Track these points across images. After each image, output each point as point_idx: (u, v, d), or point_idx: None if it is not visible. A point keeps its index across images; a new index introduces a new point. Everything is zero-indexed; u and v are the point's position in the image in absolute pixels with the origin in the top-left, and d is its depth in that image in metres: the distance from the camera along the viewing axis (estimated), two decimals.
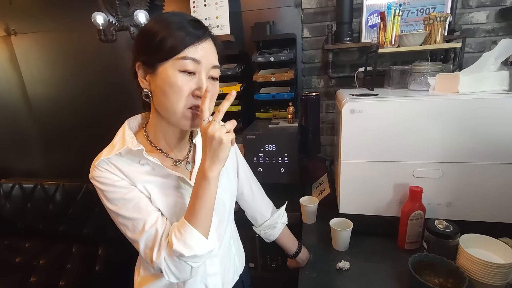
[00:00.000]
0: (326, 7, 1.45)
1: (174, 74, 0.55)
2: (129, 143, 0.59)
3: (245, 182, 0.86)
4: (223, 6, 1.40)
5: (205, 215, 0.57)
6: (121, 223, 0.59)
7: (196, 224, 0.56)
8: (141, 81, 0.59)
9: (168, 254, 0.56)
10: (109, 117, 1.95)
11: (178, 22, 0.55)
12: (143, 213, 0.58)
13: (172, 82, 0.55)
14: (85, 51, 1.82)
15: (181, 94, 0.56)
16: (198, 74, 0.57)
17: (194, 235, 0.56)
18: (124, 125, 0.65)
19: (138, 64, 0.58)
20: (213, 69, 0.59)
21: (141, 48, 0.57)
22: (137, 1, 1.56)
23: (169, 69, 0.55)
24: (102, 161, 0.59)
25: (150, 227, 0.58)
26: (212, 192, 0.57)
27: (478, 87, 0.86)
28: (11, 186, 1.86)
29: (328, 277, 0.86)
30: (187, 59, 0.55)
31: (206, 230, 0.58)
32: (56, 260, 1.62)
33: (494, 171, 0.84)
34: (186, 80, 0.56)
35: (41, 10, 1.79)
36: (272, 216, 0.91)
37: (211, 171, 0.55)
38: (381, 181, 0.93)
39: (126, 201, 0.58)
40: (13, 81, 1.99)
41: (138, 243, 0.58)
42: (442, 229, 0.81)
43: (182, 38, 0.54)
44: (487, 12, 1.31)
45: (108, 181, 0.58)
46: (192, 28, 0.55)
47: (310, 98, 1.30)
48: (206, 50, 0.57)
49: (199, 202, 0.56)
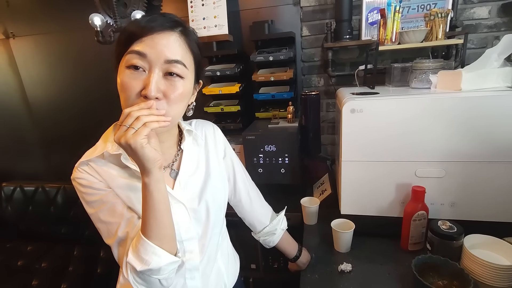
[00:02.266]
0: (325, 4, 1.43)
1: (122, 71, 0.52)
2: (109, 147, 0.58)
3: (243, 189, 0.83)
4: (221, 6, 1.39)
5: (157, 224, 0.52)
6: (98, 227, 0.59)
7: (150, 235, 0.52)
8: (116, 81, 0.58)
9: (130, 267, 0.53)
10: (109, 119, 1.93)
11: (141, 18, 0.54)
12: (118, 217, 0.57)
13: (120, 80, 0.53)
14: (84, 53, 1.81)
15: (128, 94, 0.51)
16: (148, 71, 0.52)
17: (147, 247, 0.51)
18: (110, 127, 0.64)
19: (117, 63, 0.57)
20: (168, 64, 0.52)
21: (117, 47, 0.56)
22: (134, 1, 1.55)
23: (120, 67, 0.53)
24: (83, 163, 0.58)
25: (122, 232, 0.56)
26: (156, 199, 0.51)
27: (481, 84, 0.84)
28: (12, 189, 1.87)
29: (330, 280, 0.84)
30: (132, 53, 0.51)
31: (164, 240, 0.53)
32: (57, 262, 1.63)
33: (499, 170, 0.83)
34: (133, 77, 0.51)
35: (39, 12, 1.79)
36: (271, 223, 0.88)
37: (146, 176, 0.50)
38: (383, 181, 0.92)
39: (103, 203, 0.57)
40: (12, 84, 1.98)
41: (112, 248, 0.58)
42: (446, 230, 0.79)
43: (131, 32, 0.52)
44: (489, 7, 1.29)
45: (86, 182, 0.58)
46: (145, 22, 0.52)
47: (310, 98, 1.29)
48: (158, 43, 0.51)
49: (146, 213, 0.52)
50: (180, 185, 0.65)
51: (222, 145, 0.78)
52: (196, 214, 0.66)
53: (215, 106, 1.50)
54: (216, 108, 1.48)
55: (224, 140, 0.80)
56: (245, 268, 0.91)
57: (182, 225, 0.64)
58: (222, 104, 1.49)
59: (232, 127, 1.48)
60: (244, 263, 0.91)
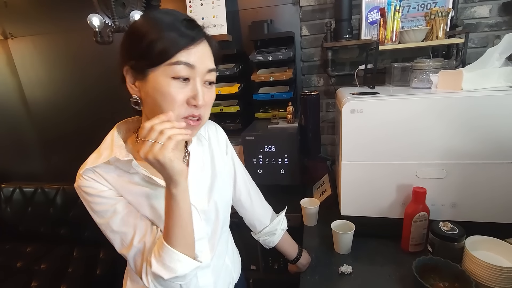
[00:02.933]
0: (325, 4, 1.42)
1: (166, 82, 0.50)
2: (117, 153, 0.55)
3: (243, 189, 0.83)
4: (219, 5, 1.38)
5: (182, 233, 0.53)
6: (109, 237, 0.56)
7: (174, 243, 0.53)
8: (130, 87, 0.55)
9: (152, 275, 0.53)
10: (108, 119, 1.93)
11: (169, 22, 0.51)
12: (131, 226, 0.55)
13: (164, 91, 0.50)
14: (82, 53, 1.81)
15: (174, 104, 0.51)
16: (192, 80, 0.52)
17: (173, 255, 0.52)
18: (112, 130, 0.61)
19: (126, 68, 0.53)
20: (209, 73, 0.54)
21: (129, 50, 0.53)
22: (132, 1, 1.54)
23: (160, 76, 0.50)
24: (88, 170, 0.55)
25: (138, 241, 0.55)
26: (182, 209, 0.52)
27: (482, 84, 0.83)
28: (11, 190, 1.86)
29: (330, 282, 0.84)
30: (180, 64, 0.50)
31: (187, 247, 0.55)
32: (57, 264, 1.62)
33: (500, 171, 0.82)
34: (180, 87, 0.51)
35: (37, 13, 1.78)
36: (272, 223, 0.88)
37: (173, 187, 0.51)
38: (384, 182, 0.91)
39: (114, 213, 0.55)
40: (11, 85, 1.98)
41: (127, 258, 0.56)
42: (447, 232, 0.79)
43: (173, 40, 0.49)
44: (490, 6, 1.28)
45: (94, 191, 0.55)
46: (184, 29, 0.50)
47: (310, 98, 1.28)
48: (201, 53, 0.52)
49: (172, 222, 0.52)
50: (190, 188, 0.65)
51: (225, 144, 0.78)
52: (206, 215, 0.65)
53: (214, 106, 1.49)
54: (215, 108, 1.47)
55: (226, 138, 0.80)
56: (245, 269, 0.90)
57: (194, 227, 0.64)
58: (222, 105, 1.49)
59: (232, 127, 1.47)
60: (244, 264, 0.91)
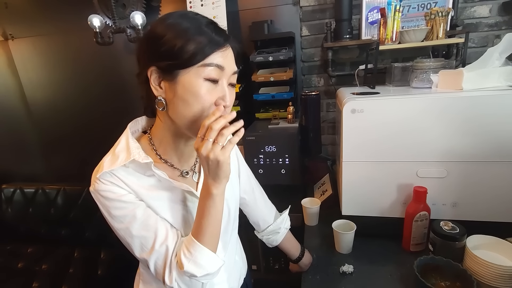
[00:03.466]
0: (325, 4, 1.43)
1: (198, 83, 0.51)
2: (136, 155, 0.54)
3: (248, 187, 0.83)
4: (220, 6, 1.38)
5: (213, 232, 0.55)
6: (128, 242, 0.56)
7: (205, 241, 0.54)
8: (155, 88, 0.54)
9: (178, 274, 0.54)
10: (109, 119, 1.95)
11: (197, 25, 0.51)
12: (152, 230, 0.55)
13: (196, 92, 0.51)
14: (83, 54, 1.81)
15: (205, 104, 0.52)
16: (221, 81, 0.53)
17: (204, 253, 0.54)
18: (126, 131, 0.60)
19: (151, 69, 0.52)
20: (233, 75, 0.56)
21: (154, 52, 0.52)
22: (133, 2, 1.54)
23: (192, 77, 0.51)
24: (106, 174, 0.53)
25: (160, 245, 0.55)
26: (218, 209, 0.54)
27: (483, 84, 0.83)
28: (12, 191, 1.87)
29: (332, 281, 0.84)
30: (212, 65, 0.51)
31: (215, 246, 0.57)
32: (58, 265, 1.62)
33: (501, 170, 0.82)
34: (211, 88, 0.52)
35: (37, 14, 1.78)
36: (275, 221, 0.88)
37: (215, 188, 0.53)
38: (384, 181, 0.91)
39: (134, 218, 0.54)
40: (11, 86, 1.98)
41: (147, 262, 0.55)
42: (448, 231, 0.79)
43: (206, 43, 0.50)
44: (490, 5, 1.28)
45: (113, 195, 0.53)
46: (214, 33, 0.52)
47: (310, 98, 1.28)
48: (228, 56, 0.54)
49: (206, 220, 0.54)
50: None
51: None
52: None
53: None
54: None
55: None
56: None
57: None
58: None
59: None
60: None
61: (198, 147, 0.50)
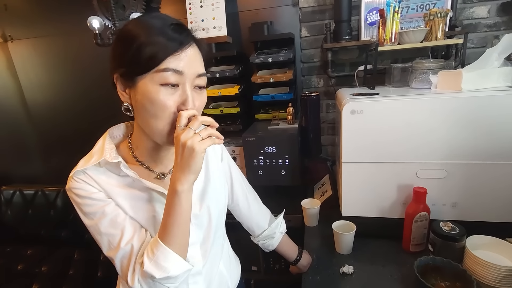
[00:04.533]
0: (324, 5, 1.43)
1: (155, 89, 0.49)
2: (107, 155, 0.55)
3: (240, 194, 0.82)
4: (219, 7, 1.38)
5: (179, 232, 0.53)
6: (97, 239, 0.56)
7: (170, 242, 0.52)
8: (121, 94, 0.55)
9: (141, 275, 0.53)
10: (108, 121, 1.94)
11: (157, 26, 0.50)
12: (119, 228, 0.55)
13: (153, 98, 0.50)
14: (83, 56, 1.81)
15: (164, 111, 0.51)
16: (182, 86, 0.51)
17: (167, 255, 0.52)
18: (105, 134, 0.62)
19: (115, 76, 0.53)
20: (198, 78, 0.54)
21: (118, 57, 0.52)
22: (133, 3, 1.55)
23: (148, 83, 0.50)
24: (79, 172, 0.55)
25: (125, 243, 0.54)
26: (183, 208, 0.53)
27: (482, 84, 0.83)
28: (12, 193, 1.86)
29: (332, 282, 0.84)
30: (168, 71, 0.49)
31: (182, 248, 0.55)
32: (58, 266, 1.62)
33: (500, 170, 0.82)
34: (169, 94, 0.50)
35: (37, 16, 1.78)
36: (270, 226, 0.88)
37: (181, 183, 0.51)
38: (384, 182, 0.91)
39: (103, 215, 0.55)
40: (11, 88, 1.98)
41: (113, 260, 0.55)
42: (448, 231, 0.79)
43: (161, 46, 0.48)
44: (488, 6, 1.29)
45: (84, 193, 0.55)
46: (172, 33, 0.50)
47: (310, 98, 1.28)
48: (189, 58, 0.51)
49: (171, 219, 0.52)
50: None
51: (220, 150, 0.78)
52: (197, 219, 0.65)
53: (215, 108, 1.50)
54: (216, 110, 1.47)
55: (221, 145, 0.79)
56: (246, 270, 0.91)
57: None
58: (222, 106, 1.49)
59: (232, 129, 1.47)
60: (245, 265, 0.91)
61: (178, 135, 0.50)
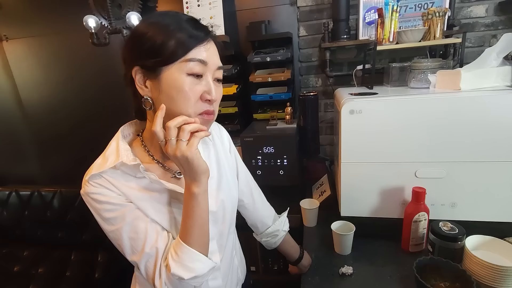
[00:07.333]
0: (322, 4, 1.42)
1: (181, 78, 0.51)
2: (124, 157, 0.54)
3: (246, 189, 0.82)
4: (217, 6, 1.37)
5: (200, 232, 0.54)
6: (119, 244, 0.55)
7: (192, 243, 0.53)
8: (140, 87, 0.54)
9: (168, 278, 0.53)
10: (104, 120, 1.93)
11: (176, 21, 0.52)
12: (142, 232, 0.55)
13: (180, 87, 0.51)
14: (78, 55, 1.79)
15: (190, 99, 0.52)
16: (205, 76, 0.54)
17: (192, 255, 0.53)
18: (117, 134, 0.60)
19: (136, 69, 0.53)
20: (218, 71, 0.56)
21: (137, 52, 0.52)
22: (129, 2, 1.53)
23: (175, 72, 0.51)
24: (95, 176, 0.53)
25: (150, 248, 0.54)
26: (202, 209, 0.54)
27: (481, 84, 0.84)
28: (7, 194, 1.83)
29: (331, 282, 0.84)
30: (194, 60, 0.51)
31: (204, 247, 0.56)
32: (55, 268, 1.60)
33: (499, 169, 0.82)
34: (194, 83, 0.52)
35: (32, 15, 1.76)
36: (274, 224, 0.87)
37: (196, 187, 0.52)
38: (383, 182, 0.91)
39: (124, 219, 0.54)
40: (6, 87, 1.96)
41: (138, 265, 0.55)
42: (447, 232, 0.79)
43: (186, 38, 0.51)
44: (486, 5, 1.29)
45: (103, 198, 0.53)
46: (193, 29, 0.52)
47: (308, 98, 1.28)
48: (210, 51, 0.54)
49: (191, 221, 0.53)
50: None
51: (228, 143, 0.78)
52: (213, 215, 0.64)
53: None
54: None
55: (229, 138, 0.80)
56: None
57: None
58: (220, 106, 1.48)
59: (230, 128, 1.46)
60: None
61: (165, 151, 0.51)
